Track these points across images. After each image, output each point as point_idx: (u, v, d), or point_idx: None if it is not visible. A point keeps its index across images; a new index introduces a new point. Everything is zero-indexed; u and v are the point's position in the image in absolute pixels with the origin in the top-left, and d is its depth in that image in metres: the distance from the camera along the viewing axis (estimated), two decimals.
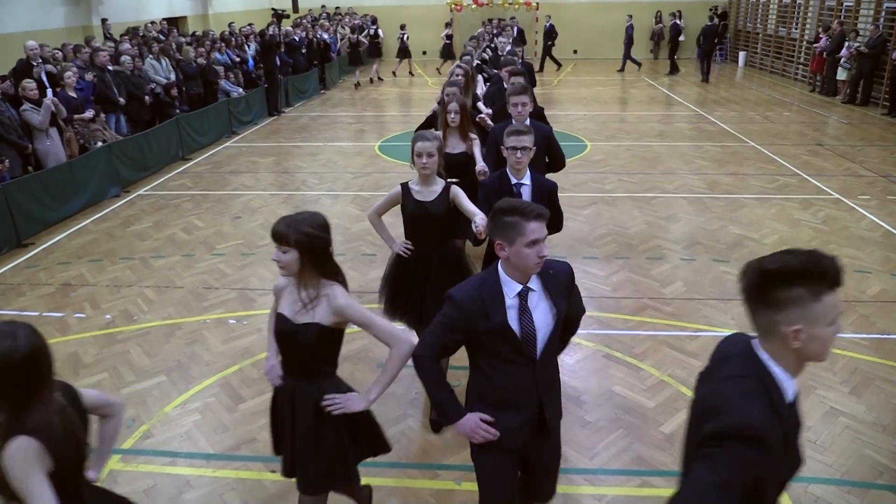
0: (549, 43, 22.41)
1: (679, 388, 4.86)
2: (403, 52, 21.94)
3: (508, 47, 11.62)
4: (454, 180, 5.27)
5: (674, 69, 22.02)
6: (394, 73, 22.33)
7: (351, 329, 4.32)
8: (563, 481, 3.48)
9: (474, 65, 9.14)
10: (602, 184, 9.83)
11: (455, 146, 5.52)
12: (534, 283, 2.67)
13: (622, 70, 22.54)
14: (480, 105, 7.27)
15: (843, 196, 9.06)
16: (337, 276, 2.89)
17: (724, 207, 8.70)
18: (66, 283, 6.84)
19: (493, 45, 14.22)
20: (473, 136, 5.54)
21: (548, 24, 22.39)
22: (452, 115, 5.45)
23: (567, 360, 5.18)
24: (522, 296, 2.64)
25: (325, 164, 11.30)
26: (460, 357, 3.77)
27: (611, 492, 3.88)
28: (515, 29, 20.17)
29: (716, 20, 21.79)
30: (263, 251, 7.51)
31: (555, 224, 4.24)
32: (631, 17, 22.51)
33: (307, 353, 2.86)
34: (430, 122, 6.59)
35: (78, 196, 8.94)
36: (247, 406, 4.76)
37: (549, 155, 5.38)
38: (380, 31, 21.88)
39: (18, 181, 8.01)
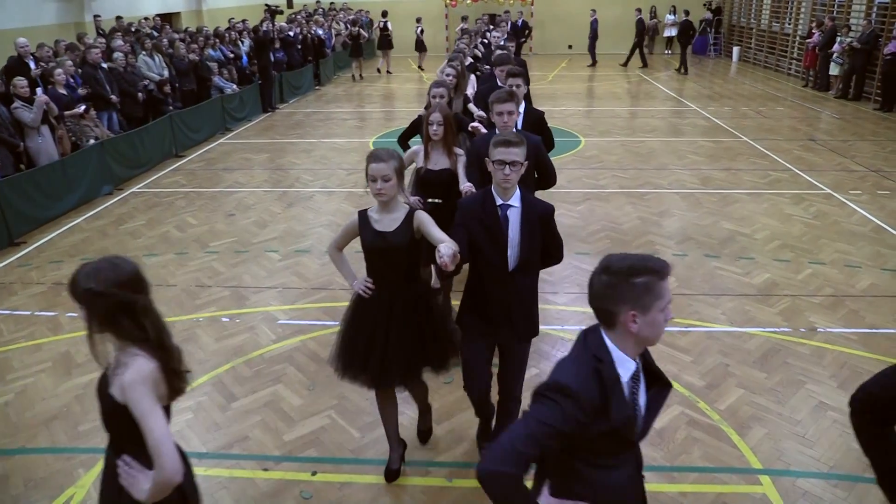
0: (521, 39, 22.40)
1: None
2: (420, 45, 22.12)
3: (503, 42, 11.19)
4: (436, 201, 4.93)
5: (629, 62, 22.45)
6: (420, 67, 22.72)
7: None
8: None
9: (467, 63, 8.84)
10: (595, 179, 9.84)
11: (438, 162, 4.96)
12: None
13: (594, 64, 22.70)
14: (472, 107, 6.64)
15: (834, 191, 9.09)
16: (143, 342, 2.24)
17: (717, 203, 8.73)
18: (58, 282, 6.83)
19: (486, 41, 13.84)
20: (459, 150, 4.95)
21: (520, 21, 22.35)
22: (434, 128, 4.84)
23: (556, 355, 5.19)
24: (636, 376, 2.11)
25: (319, 161, 11.30)
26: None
27: None
28: (509, 24, 19.69)
29: (697, 16, 21.98)
30: (257, 248, 7.52)
31: (555, 255, 3.65)
32: (594, 11, 22.74)
33: (106, 425, 2.34)
34: (413, 128, 5.83)
35: (70, 194, 8.92)
36: (239, 404, 4.77)
37: (539, 169, 4.75)
38: (389, 25, 21.87)
39: (10, 179, 7.99)
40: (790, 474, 3.96)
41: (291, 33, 17.72)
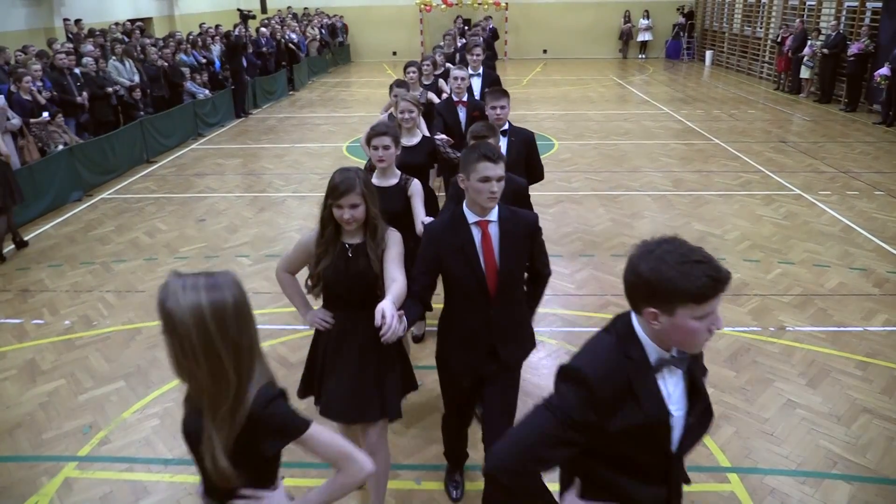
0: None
1: None
2: None
3: (477, 85, 7.25)
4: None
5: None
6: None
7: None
8: None
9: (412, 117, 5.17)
10: (568, 182, 9.88)
11: None
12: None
13: None
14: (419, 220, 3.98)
15: (804, 192, 9.20)
16: None
17: (689, 204, 8.79)
18: (24, 289, 6.71)
19: (444, 71, 8.72)
20: None
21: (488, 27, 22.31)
22: None
23: (530, 358, 5.18)
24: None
25: (292, 166, 11.23)
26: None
27: None
28: (481, 41, 9.42)
29: None
30: (227, 254, 7.44)
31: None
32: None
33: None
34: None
35: (38, 201, 8.76)
36: None
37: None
38: None
39: None
40: (758, 472, 3.98)
41: (264, 38, 17.63)
